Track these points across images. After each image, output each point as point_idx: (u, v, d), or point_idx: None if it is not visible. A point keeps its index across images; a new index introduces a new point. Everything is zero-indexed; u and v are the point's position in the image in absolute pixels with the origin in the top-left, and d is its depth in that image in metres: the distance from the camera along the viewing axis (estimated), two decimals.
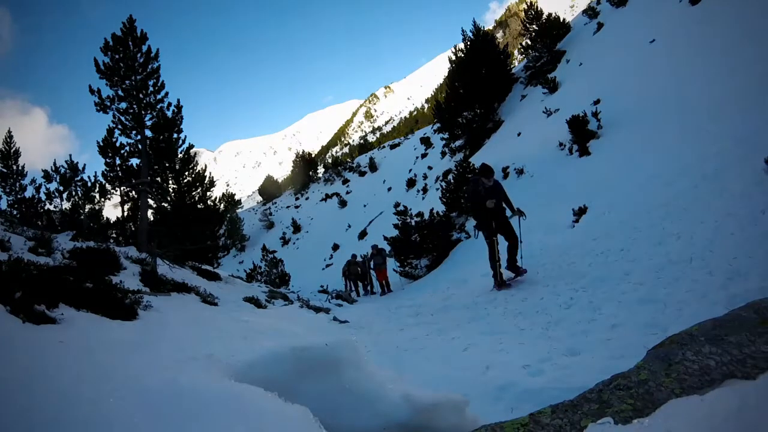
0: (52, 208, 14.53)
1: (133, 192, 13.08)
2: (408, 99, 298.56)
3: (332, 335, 4.55)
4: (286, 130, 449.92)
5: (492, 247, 6.13)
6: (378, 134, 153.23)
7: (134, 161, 12.97)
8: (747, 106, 6.43)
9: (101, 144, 13.02)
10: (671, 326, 2.86)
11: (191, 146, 13.42)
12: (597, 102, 11.11)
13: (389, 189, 31.44)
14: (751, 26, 8.20)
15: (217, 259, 15.21)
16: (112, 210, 15.70)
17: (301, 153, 48.43)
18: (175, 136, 12.67)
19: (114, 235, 13.78)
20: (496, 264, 6.11)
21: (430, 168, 27.36)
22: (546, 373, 2.95)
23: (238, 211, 38.92)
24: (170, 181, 13.10)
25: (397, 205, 16.43)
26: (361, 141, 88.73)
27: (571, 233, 7.18)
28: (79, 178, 14.94)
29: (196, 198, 13.43)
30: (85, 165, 15.15)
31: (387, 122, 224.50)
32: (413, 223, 12.70)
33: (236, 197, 29.73)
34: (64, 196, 14.67)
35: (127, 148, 12.73)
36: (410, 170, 30.85)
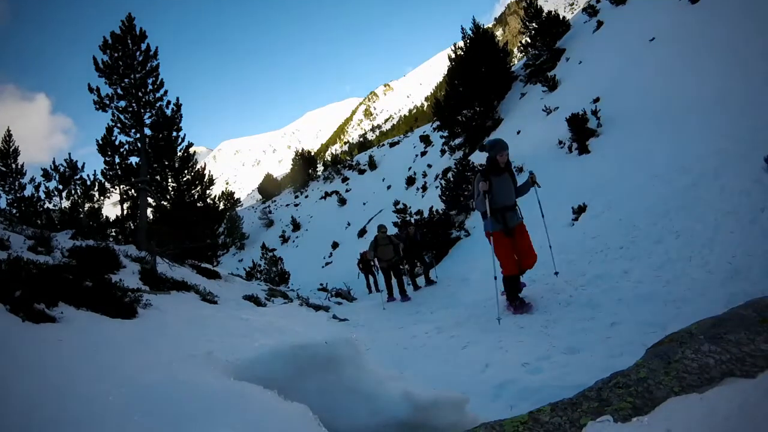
0: (51, 206, 14.48)
1: (133, 190, 13.06)
2: (407, 97, 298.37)
3: (332, 333, 4.54)
4: (285, 128, 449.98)
5: None
6: (377, 132, 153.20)
7: (133, 159, 12.96)
8: (746, 104, 6.42)
9: (100, 142, 12.99)
10: (670, 324, 2.86)
11: (190, 144, 13.42)
12: (596, 100, 11.09)
13: (389, 187, 31.42)
14: (751, 25, 8.18)
15: (217, 257, 15.21)
16: (111, 208, 15.68)
17: (300, 151, 48.36)
18: (175, 134, 12.68)
19: (113, 234, 13.76)
20: None
21: (429, 166, 27.35)
22: (545, 371, 2.95)
23: (237, 209, 38.93)
24: (169, 180, 13.09)
25: (396, 203, 16.46)
26: (361, 139, 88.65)
27: (570, 231, 7.18)
28: (78, 176, 14.91)
29: (196, 196, 13.42)
30: (84, 164, 15.12)
31: (386, 120, 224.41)
32: (413, 221, 12.72)
33: (235, 195, 29.70)
34: (64, 194, 14.64)
35: (127, 146, 12.71)
36: (409, 168, 30.82)
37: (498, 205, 4.77)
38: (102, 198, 14.69)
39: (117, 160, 13.11)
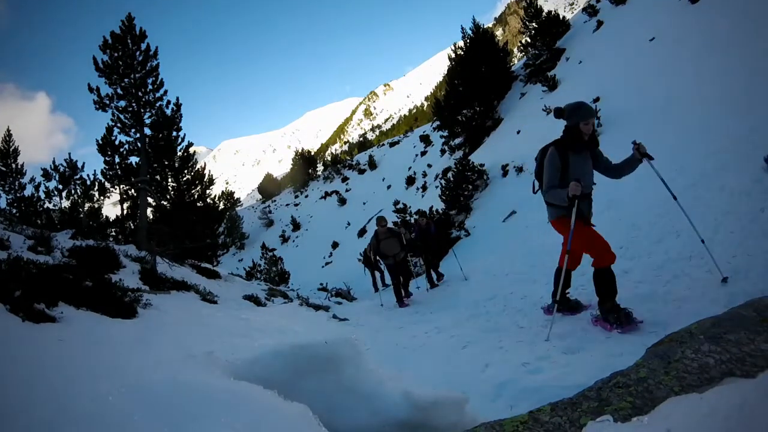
0: (51, 206, 14.48)
1: (133, 190, 13.07)
2: (407, 97, 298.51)
3: (332, 333, 4.55)
4: (285, 128, 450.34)
5: None
6: (377, 132, 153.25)
7: (133, 159, 12.97)
8: (746, 104, 6.42)
9: (100, 142, 13.00)
10: (670, 324, 2.86)
11: (190, 144, 13.42)
12: (596, 100, 11.09)
13: (389, 187, 31.43)
14: (751, 25, 8.18)
15: (217, 257, 15.21)
16: (111, 208, 15.68)
17: (300, 151, 48.40)
18: (175, 134, 12.68)
19: (113, 234, 13.76)
20: None
21: (429, 166, 27.37)
22: (545, 370, 2.94)
23: (237, 209, 38.95)
24: (169, 180, 13.10)
25: (396, 203, 16.45)
26: (361, 139, 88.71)
27: None
28: (78, 176, 14.91)
29: (196, 196, 13.43)
30: (84, 164, 15.13)
31: (386, 120, 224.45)
32: (412, 221, 12.72)
33: (235, 195, 29.73)
34: (64, 194, 14.64)
35: (127, 146, 12.71)
36: (409, 168, 30.84)
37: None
38: (102, 198, 14.69)
39: (117, 159, 13.11)
